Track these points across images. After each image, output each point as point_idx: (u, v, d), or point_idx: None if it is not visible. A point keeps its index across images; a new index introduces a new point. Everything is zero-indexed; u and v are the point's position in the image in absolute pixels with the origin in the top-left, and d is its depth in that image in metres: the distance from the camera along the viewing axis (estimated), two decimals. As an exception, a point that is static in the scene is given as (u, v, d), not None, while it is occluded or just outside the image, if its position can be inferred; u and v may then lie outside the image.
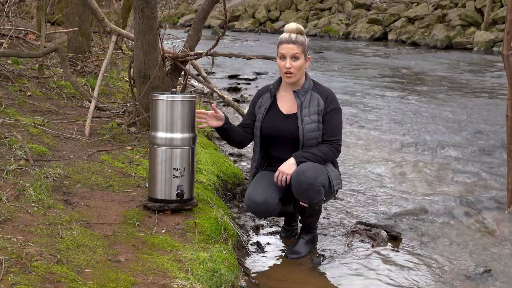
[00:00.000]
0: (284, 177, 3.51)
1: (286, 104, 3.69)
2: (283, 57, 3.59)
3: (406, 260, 3.69)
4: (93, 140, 4.65)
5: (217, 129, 3.67)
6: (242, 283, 3.18)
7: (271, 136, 3.68)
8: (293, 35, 3.58)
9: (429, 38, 19.55)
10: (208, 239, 3.22)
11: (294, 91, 3.64)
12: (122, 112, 5.52)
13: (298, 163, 3.50)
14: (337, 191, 3.69)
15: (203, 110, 3.64)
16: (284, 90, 3.72)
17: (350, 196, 4.84)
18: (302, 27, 3.64)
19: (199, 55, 5.18)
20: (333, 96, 3.66)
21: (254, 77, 11.63)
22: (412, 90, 10.34)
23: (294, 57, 3.56)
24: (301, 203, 3.52)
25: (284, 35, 3.60)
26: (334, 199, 3.78)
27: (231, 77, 11.54)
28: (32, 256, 2.65)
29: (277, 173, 3.54)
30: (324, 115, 3.59)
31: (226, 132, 3.67)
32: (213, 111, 3.58)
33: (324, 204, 3.78)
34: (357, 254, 3.75)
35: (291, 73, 3.57)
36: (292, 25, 3.62)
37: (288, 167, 3.51)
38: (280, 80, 3.75)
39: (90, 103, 5.19)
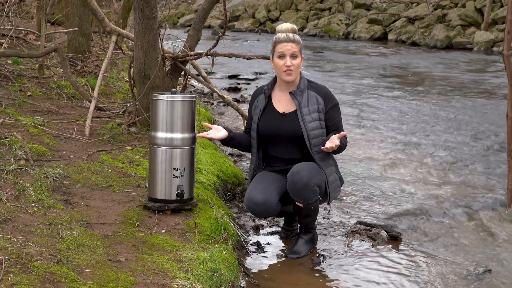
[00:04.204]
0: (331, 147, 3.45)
1: (282, 103, 3.69)
2: (282, 56, 3.59)
3: (406, 260, 3.69)
4: (93, 140, 4.65)
5: (224, 141, 3.69)
6: (242, 283, 3.18)
7: (268, 135, 3.68)
8: (291, 34, 3.60)
9: (429, 38, 19.55)
10: (208, 239, 3.22)
11: (290, 92, 3.64)
12: (122, 112, 5.52)
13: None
14: (332, 198, 3.69)
15: (204, 133, 3.65)
16: (279, 91, 3.73)
17: (350, 196, 4.84)
18: (296, 27, 3.67)
19: (199, 55, 5.18)
20: (330, 93, 3.70)
21: (254, 77, 11.63)
22: (412, 90, 10.34)
23: (293, 56, 3.58)
24: (297, 203, 3.53)
25: (281, 35, 3.62)
26: (328, 204, 3.78)
27: (231, 77, 11.53)
28: (32, 256, 2.65)
29: (332, 145, 3.44)
30: (326, 113, 3.62)
31: (234, 141, 3.71)
32: (212, 129, 3.65)
33: (323, 204, 3.78)
34: (357, 254, 3.75)
35: (291, 70, 3.58)
36: (287, 25, 3.64)
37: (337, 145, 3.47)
38: (274, 81, 3.75)
39: (90, 103, 5.19)
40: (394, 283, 3.39)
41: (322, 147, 3.48)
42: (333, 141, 3.45)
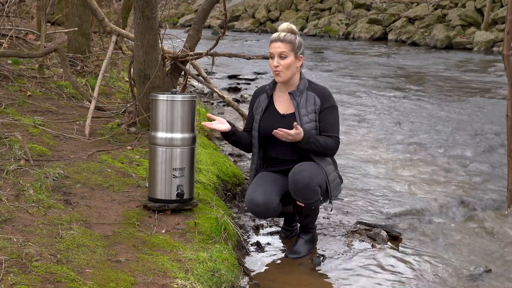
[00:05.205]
0: (284, 138, 3.44)
1: (283, 104, 3.69)
2: (272, 56, 3.61)
3: (406, 260, 3.69)
4: (93, 140, 4.65)
5: (226, 136, 3.67)
6: (242, 283, 3.18)
7: (269, 136, 3.67)
8: (282, 34, 3.60)
9: (429, 38, 19.56)
10: (208, 239, 3.22)
11: (289, 93, 3.64)
12: (122, 112, 5.52)
13: (302, 142, 3.46)
14: (334, 196, 3.68)
15: (208, 123, 3.62)
16: (280, 91, 3.73)
17: (350, 196, 4.84)
18: (294, 27, 3.66)
19: (199, 55, 5.18)
20: (329, 94, 3.67)
21: (254, 77, 11.64)
22: (412, 90, 10.34)
23: (282, 56, 3.57)
24: (297, 202, 3.53)
25: (274, 35, 3.64)
26: (330, 203, 3.78)
27: (231, 77, 11.54)
28: (32, 256, 2.65)
29: (283, 131, 3.41)
30: (320, 113, 3.60)
31: (235, 137, 3.68)
32: (216, 120, 3.62)
33: (323, 204, 3.78)
34: (357, 254, 3.75)
35: (279, 71, 3.58)
36: (284, 25, 3.65)
37: (294, 137, 3.43)
38: (275, 81, 3.75)
39: (90, 103, 5.19)
40: (394, 283, 3.39)
41: (274, 130, 3.42)
42: (293, 129, 3.37)
